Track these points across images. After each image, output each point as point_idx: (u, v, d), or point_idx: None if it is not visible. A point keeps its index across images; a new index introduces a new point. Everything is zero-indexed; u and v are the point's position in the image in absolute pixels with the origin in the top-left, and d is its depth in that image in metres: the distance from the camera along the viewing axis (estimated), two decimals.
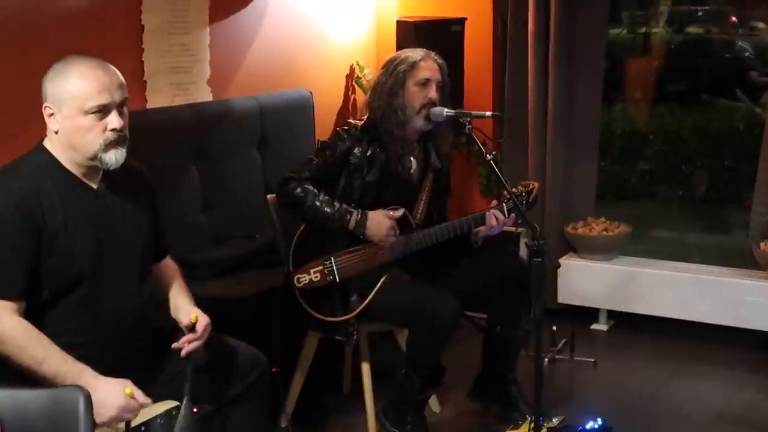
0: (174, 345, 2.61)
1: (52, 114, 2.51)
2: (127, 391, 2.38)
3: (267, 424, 2.96)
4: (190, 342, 2.61)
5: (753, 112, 6.23)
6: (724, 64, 7.16)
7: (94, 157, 2.50)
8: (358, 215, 3.46)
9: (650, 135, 6.63)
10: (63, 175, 2.52)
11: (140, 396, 2.42)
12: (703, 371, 4.41)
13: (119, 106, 2.51)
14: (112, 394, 2.36)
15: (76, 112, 2.47)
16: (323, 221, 3.45)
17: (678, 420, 3.87)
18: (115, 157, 2.51)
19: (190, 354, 2.60)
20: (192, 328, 2.63)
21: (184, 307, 2.72)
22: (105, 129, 2.48)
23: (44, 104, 2.52)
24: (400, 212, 3.52)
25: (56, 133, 2.52)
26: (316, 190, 3.45)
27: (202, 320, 2.65)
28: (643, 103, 7.00)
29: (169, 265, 2.89)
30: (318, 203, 3.44)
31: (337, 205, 3.45)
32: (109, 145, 2.49)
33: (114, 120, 2.48)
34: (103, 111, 2.48)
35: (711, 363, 4.48)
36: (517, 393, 3.77)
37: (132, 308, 2.61)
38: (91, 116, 2.47)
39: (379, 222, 3.47)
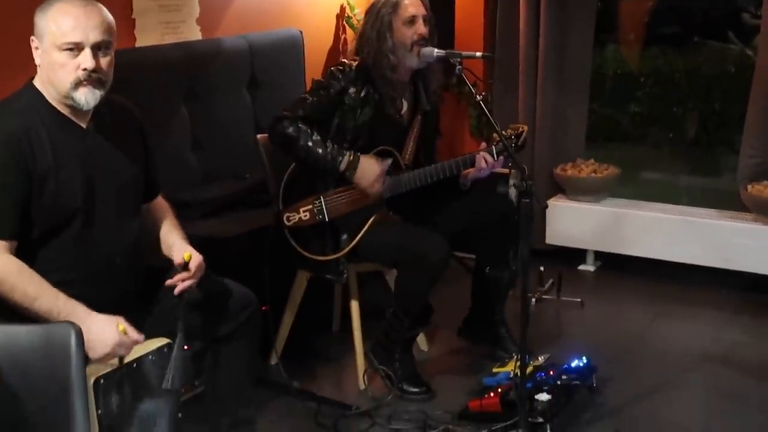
0: (167, 282, 2.63)
1: (36, 47, 2.51)
2: (120, 327, 2.40)
3: (257, 362, 2.99)
4: (183, 280, 2.63)
5: (744, 54, 6.21)
6: (717, 6, 7.11)
7: (67, 95, 2.49)
8: (350, 157, 3.46)
9: (642, 77, 6.61)
10: (51, 113, 2.52)
11: (133, 332, 2.44)
12: (689, 312, 4.46)
13: (96, 47, 2.47)
14: (105, 330, 2.38)
15: (52, 47, 2.46)
16: (315, 162, 3.46)
17: (662, 359, 3.92)
18: (85, 98, 2.48)
19: (183, 292, 2.62)
20: (185, 266, 2.65)
21: (177, 245, 2.73)
22: (77, 67, 2.46)
23: (31, 37, 2.51)
24: (388, 162, 3.52)
25: (39, 67, 2.51)
26: (309, 130, 3.45)
27: (195, 259, 2.67)
28: (636, 45, 6.97)
29: (161, 204, 2.90)
30: (310, 143, 3.44)
31: (329, 146, 3.45)
32: (79, 84, 2.47)
33: (86, 60, 2.45)
34: (76, 49, 2.45)
35: (697, 304, 4.54)
36: (506, 333, 3.82)
37: (123, 246, 2.62)
38: (65, 53, 2.45)
39: (370, 168, 3.47)
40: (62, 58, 2.46)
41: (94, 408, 2.31)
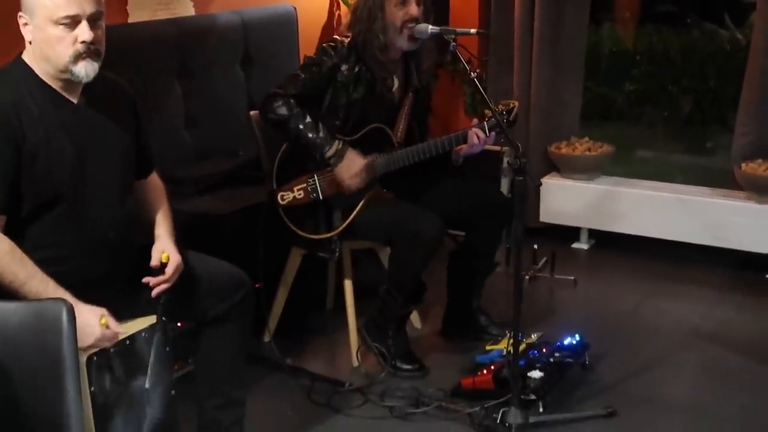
0: (144, 280, 2.61)
1: (26, 24, 2.48)
2: (102, 321, 2.39)
3: (250, 341, 2.99)
4: (159, 284, 2.61)
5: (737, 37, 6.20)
6: None
7: (65, 70, 2.46)
8: (338, 146, 3.45)
9: (637, 55, 6.60)
10: (42, 88, 2.50)
11: (114, 325, 2.43)
12: (682, 290, 4.47)
13: (91, 19, 2.45)
14: (88, 322, 2.37)
15: (46, 22, 2.43)
16: (304, 145, 3.45)
17: (654, 336, 3.94)
18: (85, 70, 2.46)
19: (159, 295, 2.61)
20: (162, 268, 2.62)
21: (158, 244, 2.69)
22: (75, 41, 2.44)
23: (19, 13, 2.48)
24: (372, 159, 3.50)
25: (31, 43, 2.49)
26: (301, 111, 3.44)
27: (173, 261, 2.63)
28: (631, 23, 6.95)
29: (155, 183, 2.87)
30: (301, 126, 3.43)
31: (321, 131, 3.44)
32: (78, 57, 2.45)
33: (84, 32, 2.43)
34: (72, 22, 2.43)
35: (689, 282, 4.55)
36: (486, 321, 3.84)
37: (114, 222, 2.60)
38: (61, 27, 2.42)
39: (353, 161, 3.46)
40: (59, 32, 2.43)
41: (87, 385, 2.32)
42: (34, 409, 2.14)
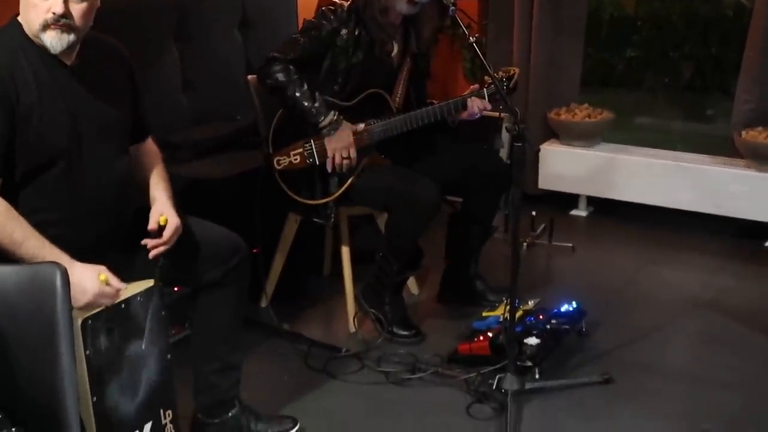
0: (143, 242, 2.60)
1: None
2: (102, 277, 2.38)
3: (246, 306, 2.99)
4: (157, 246, 2.60)
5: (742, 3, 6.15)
6: None
7: (36, 35, 2.45)
8: (334, 117, 3.43)
9: (638, 21, 6.55)
10: (36, 50, 2.47)
11: (115, 281, 2.42)
12: (680, 258, 4.47)
13: None
14: (86, 279, 2.36)
15: None
16: (300, 112, 3.43)
17: (652, 304, 3.94)
18: (51, 41, 2.43)
19: (157, 257, 2.59)
20: (160, 231, 2.60)
21: (156, 206, 2.67)
22: (48, 10, 2.41)
23: None
24: (360, 132, 3.49)
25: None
26: (299, 78, 3.41)
27: (171, 223, 2.62)
28: None
29: (150, 149, 2.86)
30: (298, 94, 3.40)
31: (317, 101, 3.41)
32: (47, 27, 2.42)
33: (56, 4, 2.40)
34: None
35: (688, 250, 4.54)
36: (483, 287, 3.84)
37: (110, 185, 2.59)
38: None
39: (344, 136, 3.45)
40: None
41: (82, 349, 2.32)
42: (29, 373, 2.14)
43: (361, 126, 3.50)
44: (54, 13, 2.40)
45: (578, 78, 5.09)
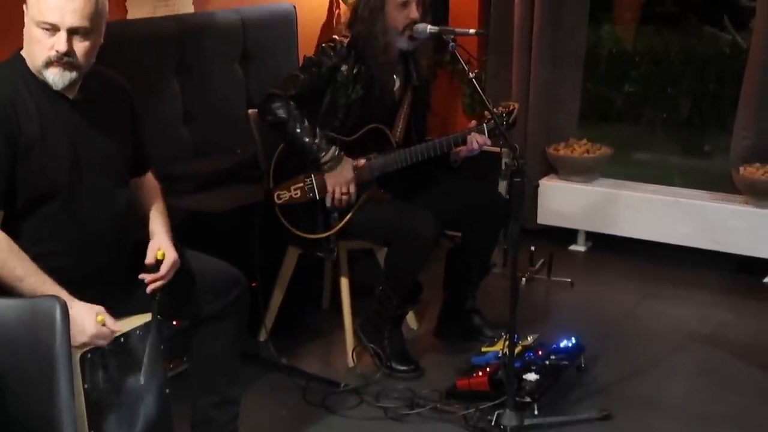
0: (141, 276, 2.60)
1: (25, 13, 2.47)
2: (99, 318, 2.39)
3: (245, 340, 2.98)
4: (155, 280, 2.61)
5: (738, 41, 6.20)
6: None
7: (38, 71, 2.47)
8: (335, 152, 3.44)
9: (636, 56, 6.60)
10: (38, 83, 2.49)
11: (111, 323, 2.42)
12: (679, 293, 4.46)
13: (73, 32, 2.42)
14: (85, 319, 2.37)
15: (31, 21, 2.43)
16: (301, 148, 3.44)
17: (651, 339, 3.93)
18: (53, 78, 2.45)
19: (154, 292, 2.60)
20: (158, 265, 2.61)
21: (154, 241, 2.68)
22: (51, 47, 2.43)
23: (24, 5, 2.46)
24: (360, 169, 3.50)
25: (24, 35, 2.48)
26: (299, 114, 3.43)
27: (169, 258, 2.62)
28: (631, 24, 6.94)
29: (150, 182, 2.87)
30: (299, 130, 3.42)
31: (317, 137, 3.43)
32: (50, 64, 2.44)
33: (60, 43, 2.42)
34: (52, 29, 2.42)
35: (687, 285, 4.54)
36: (480, 322, 3.83)
37: (111, 218, 2.59)
38: (42, 30, 2.42)
39: (345, 172, 3.46)
40: (39, 35, 2.43)
41: (80, 383, 2.31)
42: (27, 406, 2.14)
43: (362, 161, 3.51)
44: (57, 51, 2.42)
45: (577, 113, 5.11)
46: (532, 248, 4.57)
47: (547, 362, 3.39)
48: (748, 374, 3.62)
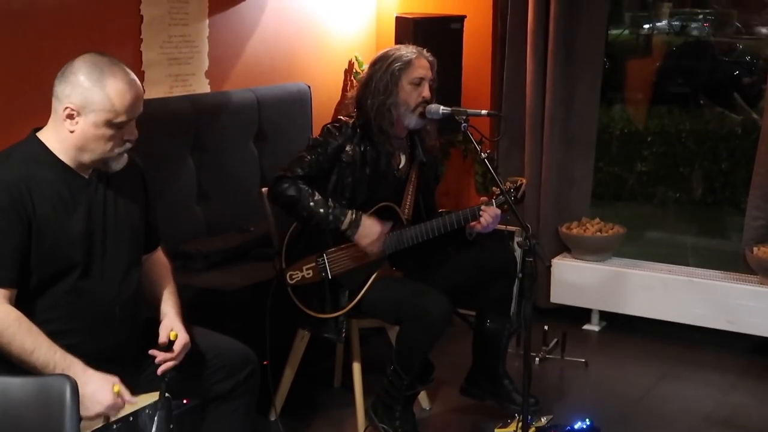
0: (151, 352, 2.61)
1: (73, 116, 2.49)
2: (115, 388, 2.39)
3: (256, 418, 2.96)
4: (166, 361, 2.61)
5: (750, 117, 6.24)
6: (724, 68, 7.16)
7: (102, 161, 2.54)
8: (352, 216, 3.46)
9: (648, 136, 6.64)
10: (54, 164, 2.52)
11: (126, 395, 2.42)
12: (694, 374, 4.41)
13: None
14: (100, 389, 2.37)
15: (104, 123, 2.49)
16: (317, 222, 3.44)
17: (666, 421, 3.88)
18: (120, 164, 2.58)
19: (165, 373, 2.60)
20: (169, 346, 2.62)
21: (166, 321, 2.70)
22: (122, 139, 2.54)
23: (66, 105, 2.48)
24: (389, 224, 3.52)
25: (71, 132, 2.51)
26: (309, 189, 3.45)
27: (181, 339, 2.64)
28: (642, 104, 7.01)
29: (160, 260, 2.88)
30: (312, 203, 3.43)
31: (331, 205, 3.45)
32: (121, 154, 2.56)
33: (133, 132, 2.56)
34: (127, 124, 2.54)
35: (701, 366, 4.49)
36: (511, 386, 3.78)
37: (122, 296, 2.61)
38: (111, 129, 2.51)
39: (371, 227, 3.47)
40: (111, 132, 2.51)
41: None
42: None
43: (388, 224, 3.51)
44: (130, 142, 2.55)
45: (589, 192, 5.13)
46: (546, 327, 4.54)
47: None
48: None
